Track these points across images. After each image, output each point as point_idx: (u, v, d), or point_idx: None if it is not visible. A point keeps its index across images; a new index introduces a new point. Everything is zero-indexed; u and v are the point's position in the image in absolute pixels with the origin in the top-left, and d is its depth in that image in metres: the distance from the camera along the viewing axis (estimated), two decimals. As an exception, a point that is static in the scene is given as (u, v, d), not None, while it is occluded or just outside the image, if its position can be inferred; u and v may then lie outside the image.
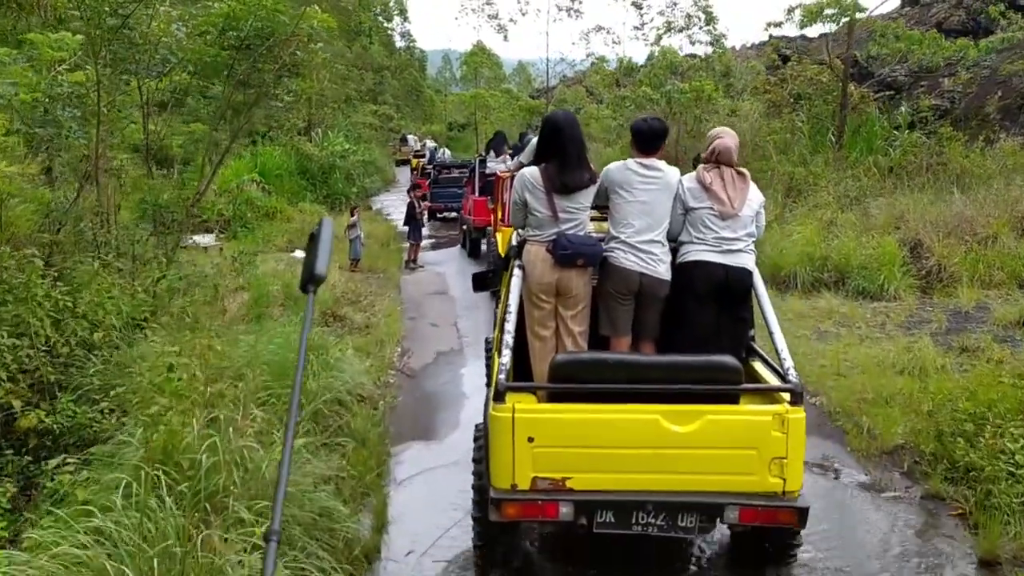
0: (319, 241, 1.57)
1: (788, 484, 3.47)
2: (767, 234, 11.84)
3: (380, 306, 10.48)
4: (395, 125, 42.32)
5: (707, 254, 4.00)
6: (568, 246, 3.98)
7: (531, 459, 3.45)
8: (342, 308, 9.79)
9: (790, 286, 10.66)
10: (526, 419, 3.45)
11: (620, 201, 4.08)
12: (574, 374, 3.61)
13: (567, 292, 4.06)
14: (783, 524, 3.60)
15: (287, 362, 5.73)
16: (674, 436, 3.43)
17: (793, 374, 3.59)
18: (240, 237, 16.77)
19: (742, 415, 3.57)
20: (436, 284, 12.40)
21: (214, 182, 20.15)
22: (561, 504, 3.46)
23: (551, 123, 4.17)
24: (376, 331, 8.90)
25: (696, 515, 3.51)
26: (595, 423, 3.48)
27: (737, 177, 4.12)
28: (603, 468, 3.49)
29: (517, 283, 4.00)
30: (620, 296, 4.08)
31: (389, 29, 60.30)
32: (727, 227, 4.00)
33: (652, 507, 3.48)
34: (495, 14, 38.27)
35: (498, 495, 3.49)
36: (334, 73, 29.58)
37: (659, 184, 4.05)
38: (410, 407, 6.74)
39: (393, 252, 15.44)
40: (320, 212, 21.59)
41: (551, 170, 4.05)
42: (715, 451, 3.49)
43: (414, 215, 14.14)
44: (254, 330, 7.50)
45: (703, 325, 4.02)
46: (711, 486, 3.50)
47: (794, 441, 3.45)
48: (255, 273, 11.38)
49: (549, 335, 4.11)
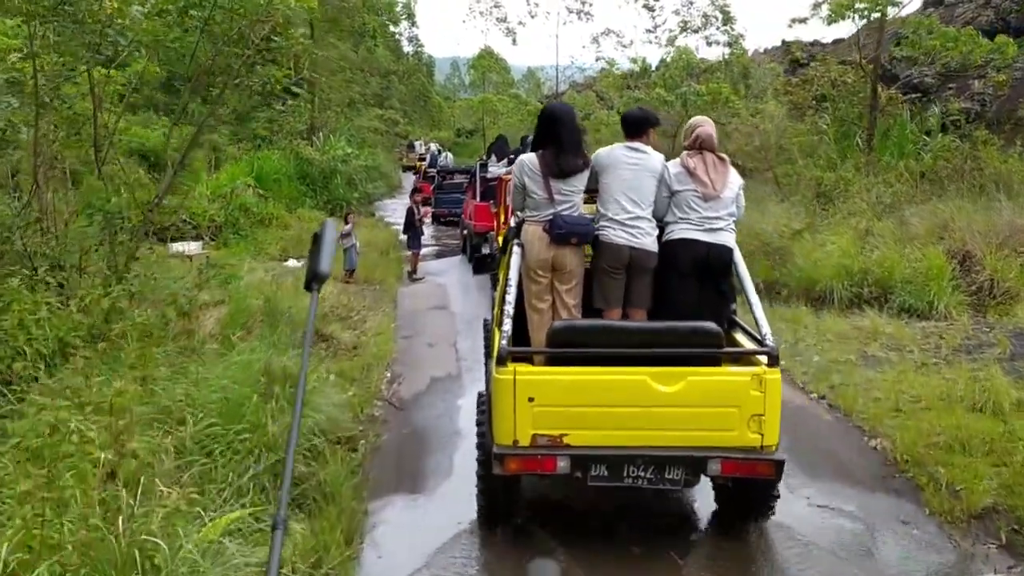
0: (322, 241, 1.60)
1: (766, 439, 3.75)
2: (798, 245, 10.84)
3: (373, 322, 9.50)
4: (401, 130, 41.43)
5: (691, 232, 4.27)
6: (563, 225, 4.26)
7: (531, 418, 3.74)
8: (329, 325, 8.81)
9: (826, 302, 9.62)
10: (527, 381, 3.74)
11: (608, 181, 4.38)
12: (570, 339, 3.88)
13: (562, 268, 4.36)
14: (761, 476, 3.85)
15: (241, 398, 4.74)
16: (661, 395, 3.73)
17: (770, 338, 3.85)
18: (232, 245, 15.84)
19: (723, 376, 3.89)
20: (436, 297, 11.40)
21: (207, 187, 19.39)
22: (559, 458, 3.74)
23: (548, 113, 4.51)
24: (365, 352, 7.92)
25: (682, 468, 3.79)
26: (589, 384, 3.78)
27: (718, 162, 4.37)
28: (597, 425, 3.78)
29: (516, 260, 4.25)
30: (612, 271, 4.35)
31: (397, 34, 59.68)
32: (709, 208, 4.27)
33: (642, 461, 3.76)
34: (503, 17, 37.31)
35: (501, 451, 3.76)
36: (337, 74, 28.75)
37: (643, 165, 4.36)
38: (395, 447, 5.73)
39: (392, 262, 14.47)
40: (319, 218, 20.69)
41: (548, 156, 4.32)
42: (699, 409, 3.78)
43: (413, 222, 13.16)
44: (221, 353, 6.55)
45: (687, 298, 4.27)
46: (695, 441, 3.78)
47: (771, 399, 3.74)
48: (237, 285, 10.46)
49: (546, 308, 4.42)
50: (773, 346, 3.81)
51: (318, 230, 1.67)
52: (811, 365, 7.50)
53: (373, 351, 7.94)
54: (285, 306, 9.35)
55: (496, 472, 3.82)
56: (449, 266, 14.41)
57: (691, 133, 4.47)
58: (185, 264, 12.58)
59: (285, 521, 1.22)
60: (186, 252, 13.14)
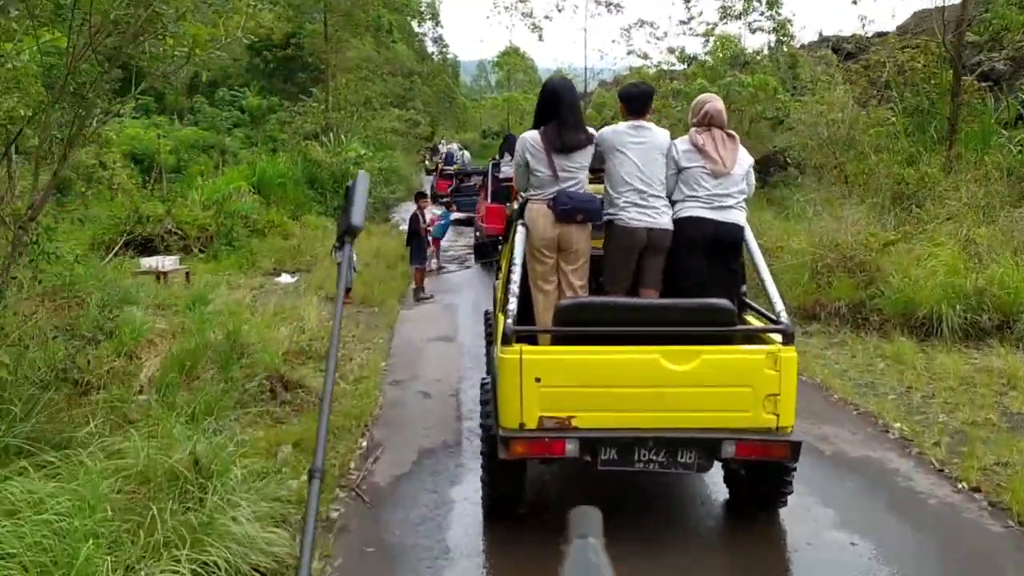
0: (355, 193, 1.57)
1: (781, 420, 3.59)
2: (890, 259, 8.78)
3: (359, 359, 7.64)
4: (422, 131, 39.72)
5: (700, 210, 4.13)
6: (568, 202, 4.13)
7: (538, 399, 3.59)
8: (301, 368, 6.96)
9: (933, 332, 7.56)
10: (533, 360, 3.60)
11: (616, 162, 4.21)
12: (578, 318, 3.74)
13: (568, 247, 4.22)
14: (777, 458, 3.69)
15: (73, 545, 2.87)
16: (673, 375, 3.58)
17: (784, 316, 3.74)
18: (221, 258, 14.13)
19: (737, 354, 3.72)
20: (441, 323, 9.50)
21: (201, 193, 17.73)
22: (567, 441, 3.58)
23: (549, 89, 4.35)
24: (339, 407, 6.05)
25: (695, 451, 3.62)
26: (598, 364, 3.62)
27: (727, 138, 4.23)
28: (606, 407, 3.63)
29: (521, 240, 4.11)
30: (627, 254, 4.19)
31: (421, 34, 58.28)
32: (719, 185, 4.14)
33: (653, 443, 3.61)
34: (529, 12, 35.36)
35: (507, 434, 3.61)
36: (352, 72, 27.09)
37: (651, 143, 4.23)
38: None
39: (398, 276, 12.61)
40: (326, 226, 18.96)
41: (550, 131, 4.18)
42: (712, 389, 3.62)
43: (418, 231, 11.27)
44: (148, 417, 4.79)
45: (696, 277, 4.09)
46: (709, 423, 3.61)
47: (786, 379, 3.59)
48: (203, 311, 8.67)
49: (552, 289, 4.27)
50: (788, 323, 3.73)
51: (350, 183, 1.59)
52: (940, 430, 5.47)
53: (350, 406, 6.08)
54: (252, 340, 7.54)
55: (502, 457, 3.64)
56: (463, 281, 12.49)
57: (699, 109, 4.32)
58: (154, 285, 10.85)
59: (321, 470, 1.22)
60: (159, 268, 11.42)
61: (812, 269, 8.79)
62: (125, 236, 14.28)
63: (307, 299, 9.81)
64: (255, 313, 9.28)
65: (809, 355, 7.44)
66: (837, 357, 7.47)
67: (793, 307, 8.63)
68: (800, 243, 9.32)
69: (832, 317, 8.30)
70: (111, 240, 14.28)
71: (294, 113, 25.92)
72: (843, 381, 6.77)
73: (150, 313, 9.14)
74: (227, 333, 7.56)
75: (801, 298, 8.57)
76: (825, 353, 7.56)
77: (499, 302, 4.50)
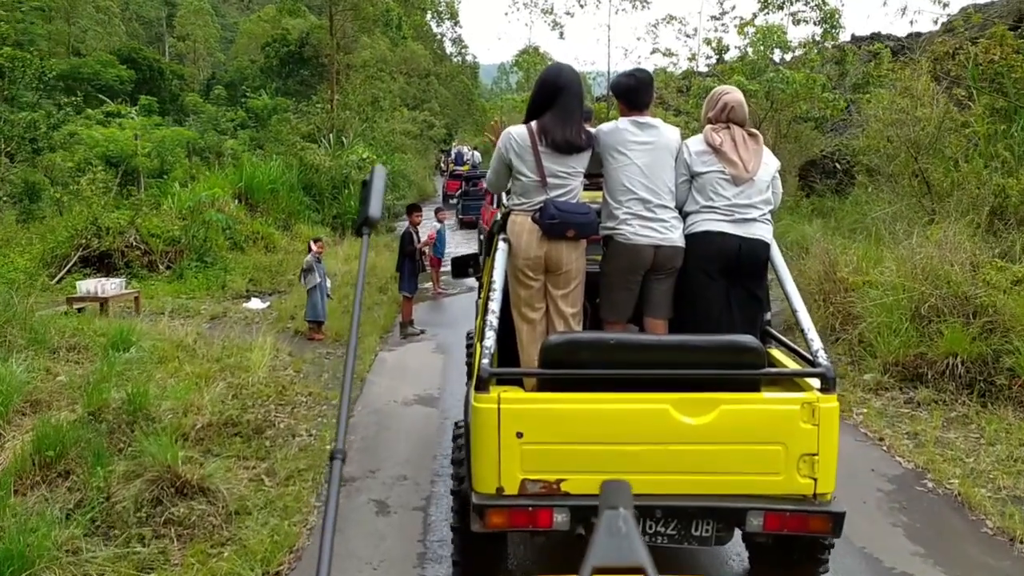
0: (371, 187, 1.63)
1: (820, 485, 2.97)
2: (1019, 303, 6.65)
3: (302, 435, 5.66)
4: (436, 133, 37.82)
5: (718, 223, 3.46)
6: (556, 214, 3.43)
7: (519, 458, 2.98)
8: (213, 458, 5.00)
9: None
10: (514, 411, 2.99)
11: (616, 166, 3.51)
12: (570, 358, 3.09)
13: (557, 268, 3.53)
14: (815, 533, 3.02)
15: None
16: (687, 429, 2.97)
17: (823, 356, 3.07)
18: (188, 277, 12.24)
19: (766, 404, 3.07)
20: (426, 375, 7.48)
21: (178, 200, 15.89)
22: (555, 511, 2.97)
23: (553, 76, 3.60)
24: (240, 532, 4.08)
25: (713, 522, 3.02)
26: (594, 415, 3.02)
27: (749, 138, 3.56)
28: (603, 468, 2.93)
29: (502, 259, 3.46)
30: (630, 277, 3.53)
31: (439, 35, 56.66)
32: (741, 193, 3.46)
33: (662, 513, 2.99)
34: (549, 8, 33.35)
35: (481, 501, 2.98)
36: (359, 70, 25.30)
37: (658, 143, 3.52)
38: None
39: (387, 303, 10.65)
40: (319, 237, 17.03)
41: (546, 125, 3.46)
42: (735, 447, 3.00)
43: (411, 252, 9.26)
44: None
45: (714, 305, 3.47)
46: (730, 488, 3.01)
47: (826, 434, 2.96)
48: (114, 361, 6.73)
49: (538, 318, 3.58)
50: (828, 365, 3.02)
51: (367, 177, 1.66)
52: None
53: (257, 539, 4.07)
54: (159, 407, 5.61)
55: (475, 529, 2.99)
56: (461, 310, 10.41)
57: (716, 102, 3.59)
58: (77, 319, 8.94)
59: (343, 452, 1.22)
60: (98, 294, 9.52)
61: (912, 311, 6.68)
62: (80, 251, 12.48)
63: (265, 337, 7.84)
64: (194, 357, 7.35)
65: (924, 439, 5.36)
66: (964, 442, 5.37)
67: (889, 363, 6.52)
68: (891, 274, 7.20)
69: (944, 378, 6.19)
70: (64, 255, 12.50)
71: (293, 113, 24.17)
72: (983, 488, 4.68)
73: (59, 359, 7.26)
74: (129, 396, 5.64)
75: (900, 351, 6.47)
76: (948, 437, 5.46)
77: (478, 330, 3.89)
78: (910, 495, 4.66)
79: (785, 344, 3.73)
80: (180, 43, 57.47)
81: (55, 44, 45.80)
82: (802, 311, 3.26)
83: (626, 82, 3.63)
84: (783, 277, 3.43)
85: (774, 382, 3.28)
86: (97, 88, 33.88)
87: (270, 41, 32.35)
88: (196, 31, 56.75)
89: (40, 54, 25.95)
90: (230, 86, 38.44)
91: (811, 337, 3.16)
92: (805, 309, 3.28)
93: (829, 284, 7.79)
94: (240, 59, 45.36)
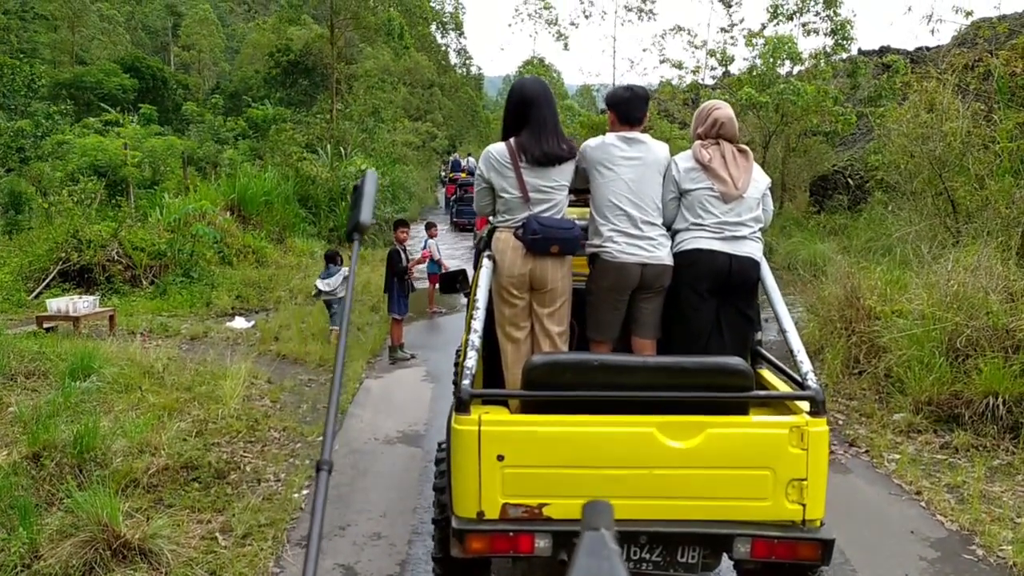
0: (362, 193, 1.61)
1: (809, 511, 2.90)
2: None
3: (269, 480, 5.07)
4: (438, 144, 37.33)
5: (708, 241, 3.40)
6: (539, 230, 3.36)
7: (501, 481, 2.90)
8: (164, 508, 4.42)
9: None
10: (495, 433, 2.90)
11: (602, 182, 3.45)
12: (553, 379, 3.02)
13: (542, 286, 3.45)
14: (803, 560, 2.93)
15: None
16: (672, 453, 2.89)
17: (812, 379, 2.99)
18: (172, 293, 11.68)
19: (754, 428, 2.99)
20: (413, 406, 6.90)
21: (167, 213, 15.37)
22: (537, 536, 2.89)
23: (522, 90, 3.56)
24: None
25: (699, 548, 2.94)
26: (578, 438, 2.92)
27: (739, 154, 3.50)
28: (587, 492, 2.84)
29: (486, 276, 3.40)
30: (617, 296, 3.45)
31: (444, 45, 56.36)
32: (730, 210, 3.41)
33: (646, 539, 2.89)
34: (553, 19, 32.84)
35: (461, 525, 2.90)
36: (359, 80, 24.83)
37: (646, 160, 3.46)
38: None
39: (377, 324, 10.06)
40: (314, 251, 16.48)
41: (524, 142, 3.42)
42: (721, 471, 2.92)
43: (401, 272, 8.68)
44: None
45: (703, 324, 3.41)
46: (717, 514, 2.92)
47: (815, 459, 2.89)
48: (70, 390, 6.17)
49: (523, 337, 3.52)
50: (817, 388, 2.94)
51: (358, 182, 1.62)
52: None
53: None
54: (109, 447, 5.04)
55: (455, 554, 2.93)
56: (456, 332, 9.81)
57: (706, 117, 3.52)
58: (48, 335, 8.40)
59: (329, 463, 1.21)
60: (71, 312, 8.96)
61: (945, 344, 6.08)
62: (59, 264, 11.94)
63: (243, 362, 7.28)
64: (161, 386, 6.78)
65: (967, 493, 4.76)
66: (1012, 497, 4.76)
67: (921, 402, 5.91)
68: (920, 301, 6.60)
69: (984, 420, 5.58)
70: (43, 269, 11.96)
71: (292, 124, 23.72)
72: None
73: (15, 387, 6.69)
74: (77, 437, 5.06)
75: (933, 389, 5.86)
76: (993, 491, 4.84)
77: (463, 344, 3.83)
78: (958, 565, 4.05)
79: (773, 363, 3.65)
80: (185, 53, 57.25)
81: (59, 53, 45.69)
82: (792, 333, 3.14)
83: (622, 94, 3.59)
84: (774, 297, 3.33)
85: (764, 404, 3.24)
86: (100, 97, 33.61)
87: (273, 51, 32.01)
88: (201, 41, 56.59)
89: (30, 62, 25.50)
90: (234, 96, 38.08)
91: (800, 359, 3.06)
92: (795, 330, 3.17)
93: (851, 311, 7.19)
94: (245, 69, 45.10)
